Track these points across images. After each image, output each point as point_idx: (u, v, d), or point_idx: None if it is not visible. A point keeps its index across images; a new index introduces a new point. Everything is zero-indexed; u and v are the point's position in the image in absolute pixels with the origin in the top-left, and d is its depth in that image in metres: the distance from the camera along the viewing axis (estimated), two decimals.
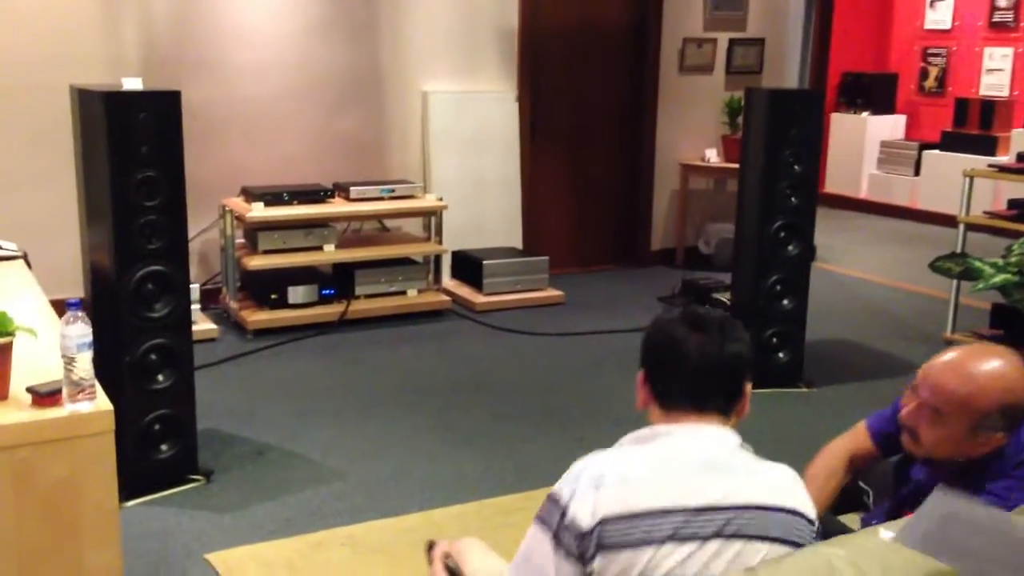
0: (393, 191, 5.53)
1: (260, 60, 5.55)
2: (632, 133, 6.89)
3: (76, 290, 3.47)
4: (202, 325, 5.00)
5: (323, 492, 3.36)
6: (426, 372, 4.67)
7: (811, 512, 1.66)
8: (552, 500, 1.61)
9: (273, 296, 5.19)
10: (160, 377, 3.22)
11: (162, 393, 3.22)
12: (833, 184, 9.78)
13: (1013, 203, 4.93)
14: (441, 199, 5.67)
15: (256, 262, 5.13)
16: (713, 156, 6.97)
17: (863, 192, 9.58)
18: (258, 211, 5.08)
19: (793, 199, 4.35)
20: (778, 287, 4.42)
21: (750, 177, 4.45)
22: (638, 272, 6.74)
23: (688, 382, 1.69)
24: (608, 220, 6.93)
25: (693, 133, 7.01)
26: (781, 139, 4.30)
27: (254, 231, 5.20)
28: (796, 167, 4.32)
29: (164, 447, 3.26)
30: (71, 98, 3.18)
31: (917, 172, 9.07)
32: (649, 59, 6.79)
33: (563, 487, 1.60)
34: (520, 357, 4.93)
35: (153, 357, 3.20)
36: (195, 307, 4.99)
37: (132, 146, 3.05)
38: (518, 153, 6.33)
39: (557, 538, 1.57)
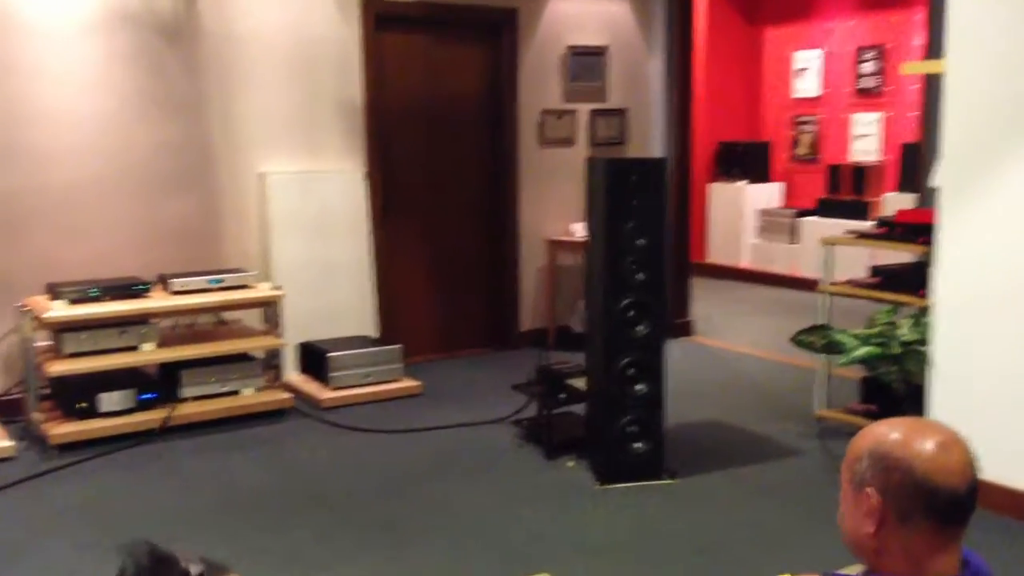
0: (221, 281, 5.04)
1: (70, 143, 5.05)
2: (494, 209, 6.56)
3: None
4: None
5: None
6: (252, 484, 4.14)
7: None
8: None
9: (81, 405, 4.62)
10: None
11: None
12: (715, 255, 9.62)
13: (877, 270, 4.70)
14: (279, 287, 5.20)
15: (59, 367, 4.56)
16: (580, 230, 6.66)
17: (744, 261, 9.44)
18: (59, 310, 4.53)
19: (640, 275, 4.02)
20: (631, 371, 4.05)
21: (594, 253, 4.11)
22: (507, 356, 6.34)
23: None
24: (473, 301, 6.54)
25: (558, 207, 6.71)
26: (623, 211, 3.98)
27: (58, 332, 4.64)
28: (640, 240, 4.00)
29: None
30: None
31: (795, 239, 8.96)
32: (507, 132, 6.50)
33: None
34: (360, 460, 4.45)
35: None
36: None
37: None
38: (368, 234, 5.91)
39: None
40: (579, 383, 4.47)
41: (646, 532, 3.65)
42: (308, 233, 5.70)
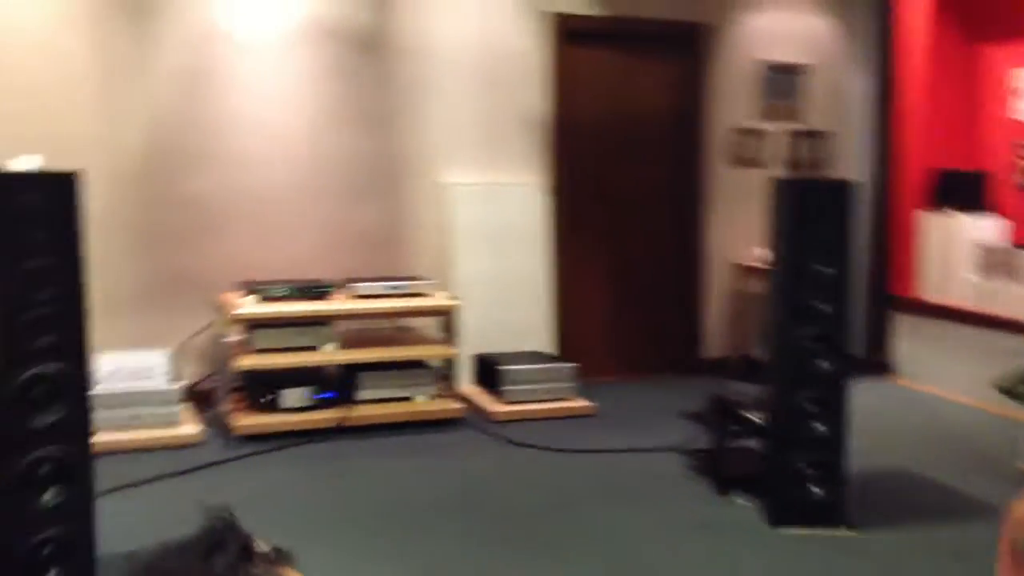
0: (401, 288, 5.12)
1: (268, 151, 5.30)
2: (679, 230, 6.38)
3: None
4: (184, 429, 4.64)
5: None
6: (413, 489, 4.17)
7: None
8: None
9: (265, 399, 4.80)
10: (49, 494, 2.81)
11: (53, 512, 2.81)
12: (927, 291, 8.97)
13: None
14: (456, 297, 5.24)
15: (247, 361, 4.76)
16: (766, 255, 6.36)
17: (960, 300, 8.73)
18: (248, 307, 4.74)
19: (824, 306, 3.76)
20: (811, 408, 3.79)
21: (775, 280, 3.88)
22: (686, 382, 6.13)
23: None
24: (653, 324, 6.38)
25: (747, 231, 6.44)
26: (807, 236, 3.74)
27: (249, 328, 4.86)
28: (826, 268, 3.74)
29: (53, 573, 2.82)
30: None
31: (1021, 279, 8.22)
32: (695, 150, 6.31)
33: None
34: (525, 476, 4.39)
35: (43, 470, 2.79)
36: (176, 408, 4.65)
37: (20, 232, 2.72)
38: (549, 249, 5.88)
39: None
40: (756, 416, 4.23)
41: None
42: (488, 245, 5.72)
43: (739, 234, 6.46)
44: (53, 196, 2.79)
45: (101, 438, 4.44)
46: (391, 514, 3.88)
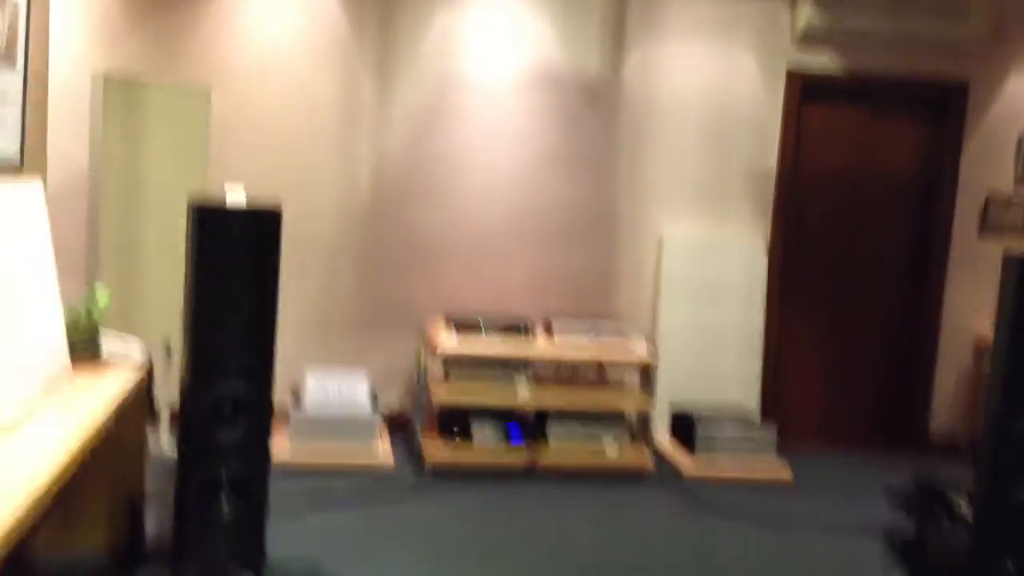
0: (600, 334, 5.10)
1: (488, 190, 5.46)
2: (912, 298, 5.95)
3: None
4: (380, 455, 4.83)
5: None
6: (584, 541, 4.11)
7: None
8: None
9: (457, 432, 4.92)
10: (228, 508, 3.00)
11: (228, 523, 3.00)
12: None
13: None
14: (655, 351, 5.15)
15: (442, 396, 4.90)
16: None
17: None
18: (451, 342, 4.88)
19: None
20: None
21: (996, 363, 3.54)
22: (903, 460, 5.69)
23: None
24: (872, 396, 5.98)
25: (994, 305, 5.93)
26: None
27: (447, 362, 5.00)
28: None
29: None
30: (189, 213, 3.16)
31: None
32: (940, 216, 5.88)
33: None
34: (702, 540, 4.22)
35: (224, 483, 3.00)
36: (376, 436, 4.85)
37: (222, 261, 2.94)
38: (762, 308, 5.66)
39: None
40: (962, 503, 3.87)
41: None
42: (700, 298, 5.59)
43: (985, 307, 5.95)
44: (257, 229, 2.99)
45: (300, 458, 4.71)
46: (555, 565, 3.84)
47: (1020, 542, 3.42)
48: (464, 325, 5.01)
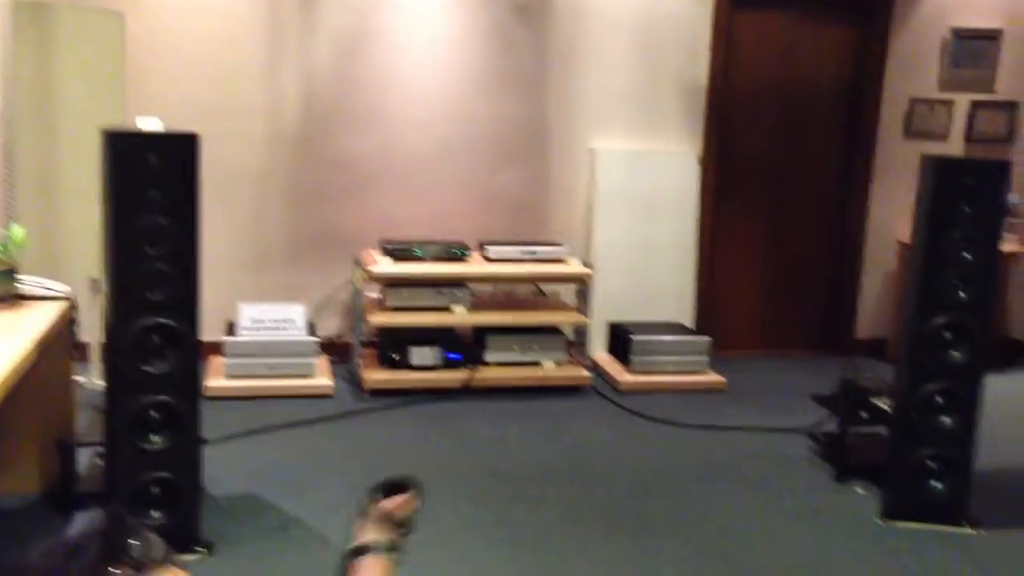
0: (535, 253, 5.14)
1: (420, 112, 5.40)
2: (840, 204, 6.06)
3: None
4: (318, 380, 4.86)
5: None
6: (525, 454, 4.21)
7: None
8: None
9: (395, 356, 4.95)
10: (158, 438, 3.01)
11: (159, 455, 3.02)
12: None
13: None
14: (589, 266, 5.20)
15: (379, 319, 4.92)
16: None
17: None
18: (384, 267, 4.89)
19: (962, 293, 3.50)
20: (938, 399, 3.56)
21: (912, 265, 3.64)
22: (832, 362, 5.84)
23: None
24: (802, 301, 6.12)
25: None
26: (950, 218, 3.48)
27: (384, 286, 5.01)
28: (967, 254, 3.47)
29: (156, 514, 3.04)
30: (101, 140, 3.09)
31: None
32: (866, 122, 5.96)
33: None
34: (640, 448, 4.34)
35: (154, 415, 3.00)
36: (314, 360, 4.87)
37: (138, 190, 2.90)
38: (696, 219, 5.73)
39: None
40: (885, 404, 4.01)
41: None
42: (633, 212, 5.64)
43: (909, 211, 6.07)
44: (173, 157, 2.95)
45: (237, 384, 4.72)
46: (498, 477, 3.93)
47: (933, 435, 3.57)
48: (399, 252, 5.01)
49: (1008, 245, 5.77)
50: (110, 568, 1.01)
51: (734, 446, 4.40)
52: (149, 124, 2.93)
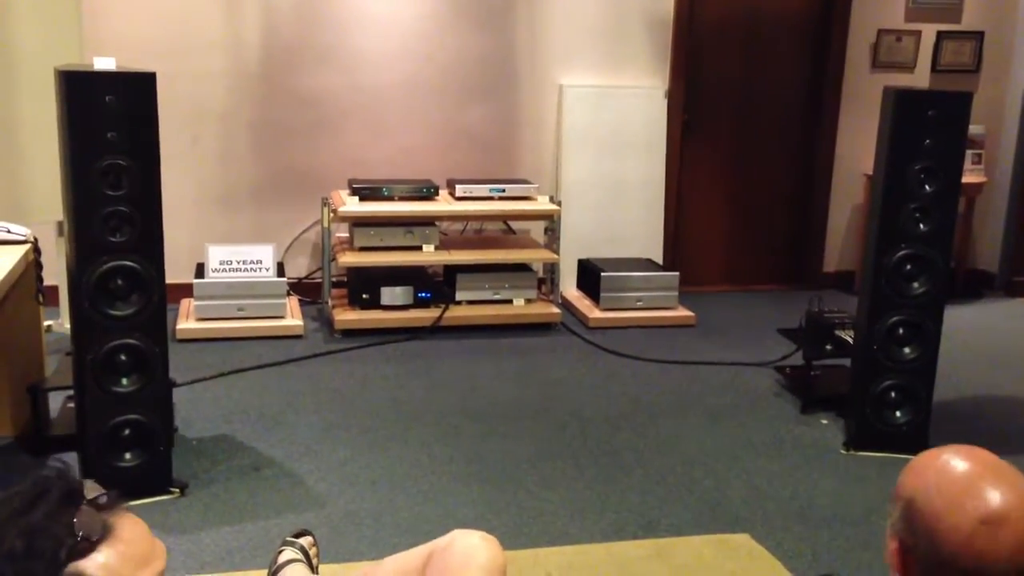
0: (503, 191, 5.13)
1: (384, 47, 5.34)
2: (807, 138, 6.08)
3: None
4: (289, 321, 4.86)
5: (291, 522, 3.04)
6: (495, 391, 4.25)
7: None
8: None
9: (365, 296, 4.96)
10: (125, 380, 3.02)
11: (128, 397, 3.02)
12: None
13: None
14: (558, 202, 5.21)
15: (348, 259, 4.92)
16: None
17: None
18: (352, 206, 4.87)
19: (923, 225, 3.54)
20: (899, 331, 3.62)
21: (874, 196, 3.67)
22: (801, 296, 5.90)
23: None
24: (771, 235, 6.17)
25: None
26: (911, 150, 3.50)
27: (352, 226, 5.00)
28: (928, 187, 3.51)
29: (129, 455, 3.05)
30: (55, 81, 3.04)
31: None
32: (833, 53, 5.95)
33: None
34: (610, 384, 4.39)
35: (122, 358, 3.00)
36: (284, 301, 4.87)
37: (95, 130, 2.86)
38: (663, 155, 5.73)
39: None
40: (847, 335, 4.08)
41: (882, 509, 3.28)
42: (601, 149, 5.63)
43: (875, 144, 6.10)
44: (131, 96, 2.90)
45: (207, 326, 4.72)
46: (468, 414, 3.98)
47: (895, 366, 3.63)
48: (367, 191, 4.99)
49: (971, 176, 5.83)
50: (73, 511, 1.04)
51: (702, 380, 4.47)
52: (105, 64, 2.87)
